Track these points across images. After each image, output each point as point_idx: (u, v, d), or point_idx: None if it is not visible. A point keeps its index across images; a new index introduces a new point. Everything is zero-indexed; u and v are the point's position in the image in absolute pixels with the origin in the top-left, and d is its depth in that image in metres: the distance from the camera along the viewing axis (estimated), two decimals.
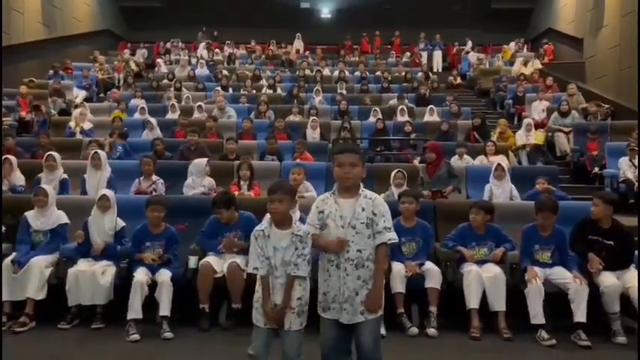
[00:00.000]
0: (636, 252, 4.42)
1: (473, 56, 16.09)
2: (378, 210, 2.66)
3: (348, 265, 2.61)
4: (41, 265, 4.38)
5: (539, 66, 14.36)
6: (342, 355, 2.70)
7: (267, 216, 2.89)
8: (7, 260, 4.41)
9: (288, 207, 2.82)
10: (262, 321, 2.76)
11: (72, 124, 9.03)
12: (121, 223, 4.64)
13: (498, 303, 4.22)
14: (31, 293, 4.29)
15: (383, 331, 3.92)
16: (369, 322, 2.63)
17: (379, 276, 2.68)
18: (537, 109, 10.42)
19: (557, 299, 4.23)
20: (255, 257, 2.79)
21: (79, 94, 12.02)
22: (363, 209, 2.65)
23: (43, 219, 4.68)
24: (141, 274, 4.24)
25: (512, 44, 17.05)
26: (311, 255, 2.77)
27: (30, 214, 4.70)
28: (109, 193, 4.77)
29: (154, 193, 5.80)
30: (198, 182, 6.08)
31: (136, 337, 4.01)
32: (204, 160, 6.24)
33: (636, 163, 7.06)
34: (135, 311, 4.10)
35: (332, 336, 2.66)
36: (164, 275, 4.28)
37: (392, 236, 2.67)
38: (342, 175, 2.66)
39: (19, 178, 6.14)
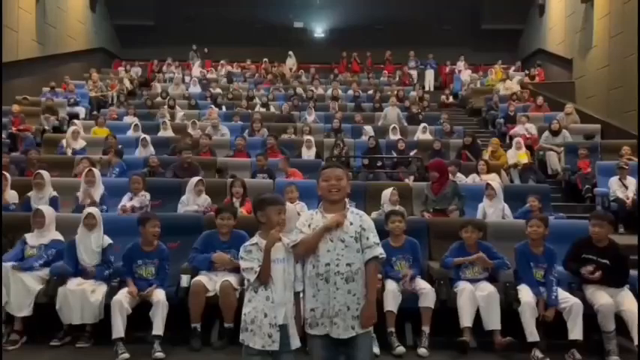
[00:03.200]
0: (635, 272, 4.44)
1: (465, 74, 16.28)
2: (367, 225, 2.67)
3: (338, 278, 2.58)
4: (27, 281, 4.33)
5: (521, 77, 14.67)
6: None
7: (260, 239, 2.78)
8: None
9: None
10: (261, 343, 2.60)
11: (64, 142, 9.01)
12: (108, 240, 4.61)
13: (493, 321, 4.22)
14: (13, 309, 4.25)
15: (376, 349, 3.92)
16: (362, 337, 2.60)
17: (373, 290, 2.65)
18: (521, 131, 10.37)
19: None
20: (255, 264, 2.66)
21: (79, 111, 12.10)
22: (352, 223, 2.65)
23: (40, 237, 4.68)
24: (120, 294, 4.20)
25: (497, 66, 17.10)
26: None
27: (28, 235, 4.71)
28: (95, 210, 4.75)
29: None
30: (192, 200, 6.07)
31: (126, 355, 3.97)
32: (196, 178, 6.24)
33: (626, 183, 7.13)
34: (117, 331, 4.05)
35: (322, 353, 2.61)
36: (160, 295, 4.25)
37: (382, 251, 2.67)
38: (329, 187, 2.66)
39: (12, 196, 6.10)
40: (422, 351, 4.15)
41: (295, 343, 2.67)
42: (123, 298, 4.16)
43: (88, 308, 4.23)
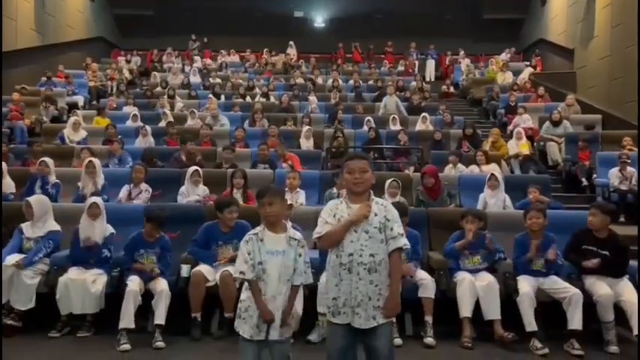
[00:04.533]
0: (635, 263, 4.44)
1: (463, 64, 16.20)
2: (391, 215, 2.65)
3: (361, 269, 2.57)
4: (27, 276, 4.33)
5: (530, 71, 14.63)
6: None
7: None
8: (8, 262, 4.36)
9: (281, 208, 2.79)
10: (250, 332, 2.66)
11: (65, 132, 8.98)
12: (110, 230, 4.63)
13: (493, 311, 4.23)
14: (16, 304, 4.28)
15: None
16: (384, 327, 2.60)
17: (397, 281, 2.66)
18: (519, 122, 10.35)
19: (550, 308, 4.25)
20: (242, 261, 2.69)
21: (78, 100, 12.05)
22: (376, 214, 2.63)
23: (36, 228, 4.65)
24: (134, 284, 4.20)
25: (504, 54, 17.16)
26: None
27: (24, 225, 4.70)
28: (99, 200, 4.74)
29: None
30: (191, 190, 6.07)
31: (127, 346, 3.98)
32: (192, 168, 6.23)
33: (626, 174, 7.11)
34: (127, 321, 4.06)
35: (341, 342, 2.61)
36: (163, 284, 4.26)
37: (406, 241, 2.67)
38: (353, 180, 2.65)
39: (9, 186, 6.09)
40: (429, 340, 4.16)
41: (274, 334, 2.66)
42: (137, 288, 4.17)
43: (89, 298, 4.24)
